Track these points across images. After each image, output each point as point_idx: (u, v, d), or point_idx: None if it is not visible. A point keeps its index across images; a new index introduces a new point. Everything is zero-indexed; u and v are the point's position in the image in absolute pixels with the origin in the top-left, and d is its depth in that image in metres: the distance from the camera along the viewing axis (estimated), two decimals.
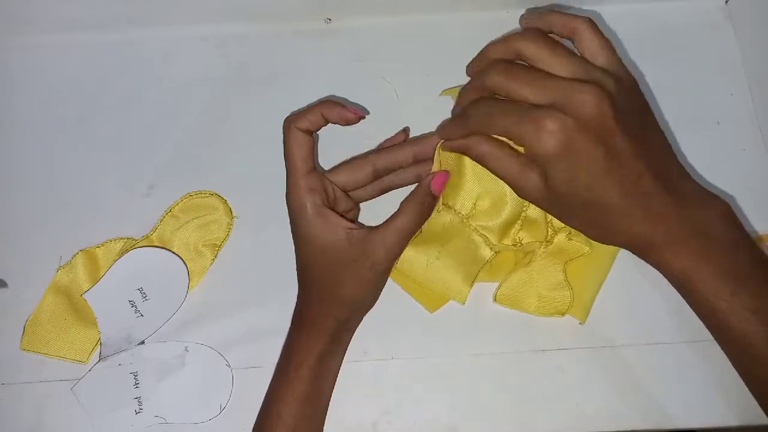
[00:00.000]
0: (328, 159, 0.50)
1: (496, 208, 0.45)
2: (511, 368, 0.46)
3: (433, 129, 0.49)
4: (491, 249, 0.45)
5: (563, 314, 0.46)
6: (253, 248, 0.49)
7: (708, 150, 0.51)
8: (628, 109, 0.37)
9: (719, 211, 0.39)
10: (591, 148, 0.36)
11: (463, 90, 0.42)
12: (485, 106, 0.39)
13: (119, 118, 0.54)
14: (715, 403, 0.45)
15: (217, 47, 0.56)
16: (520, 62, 0.39)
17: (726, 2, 0.55)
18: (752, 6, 0.53)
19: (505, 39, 0.39)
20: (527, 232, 0.46)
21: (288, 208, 0.43)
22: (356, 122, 0.43)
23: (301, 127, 0.42)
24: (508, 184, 0.40)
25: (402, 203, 0.43)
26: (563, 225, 0.45)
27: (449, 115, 0.51)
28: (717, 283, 0.37)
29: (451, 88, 0.49)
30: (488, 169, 0.40)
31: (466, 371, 0.46)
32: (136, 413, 0.46)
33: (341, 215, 0.43)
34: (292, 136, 0.43)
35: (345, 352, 0.45)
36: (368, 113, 0.52)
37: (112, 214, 0.51)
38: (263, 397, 0.44)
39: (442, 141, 0.43)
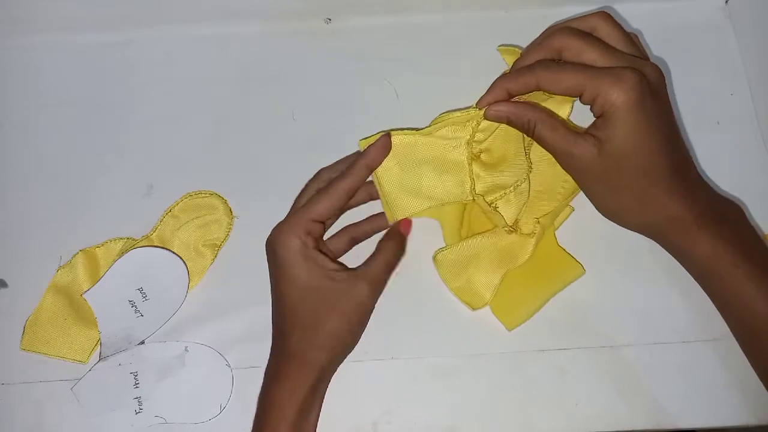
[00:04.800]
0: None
1: (498, 167, 0.45)
2: (511, 368, 0.46)
3: None
4: (471, 194, 0.45)
5: (473, 309, 0.47)
6: (253, 248, 0.49)
7: (708, 150, 0.51)
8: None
9: (738, 208, 0.42)
10: (660, 112, 0.38)
11: (526, 51, 0.42)
12: (554, 64, 0.40)
13: (119, 118, 0.54)
14: (716, 403, 0.45)
15: (217, 47, 0.56)
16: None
17: (726, 2, 0.55)
18: (752, 6, 0.53)
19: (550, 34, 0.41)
20: (503, 205, 0.46)
21: (273, 248, 0.43)
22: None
23: (351, 189, 0.43)
24: (555, 154, 0.40)
25: (379, 243, 0.45)
26: (531, 227, 0.46)
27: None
28: (748, 265, 0.39)
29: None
30: (537, 137, 0.40)
31: (466, 371, 0.46)
32: (136, 413, 0.46)
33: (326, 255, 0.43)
34: (330, 190, 0.43)
35: (321, 405, 0.44)
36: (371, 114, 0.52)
37: (112, 214, 0.51)
38: None
39: (486, 108, 0.41)
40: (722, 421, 0.45)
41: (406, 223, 0.46)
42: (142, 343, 0.47)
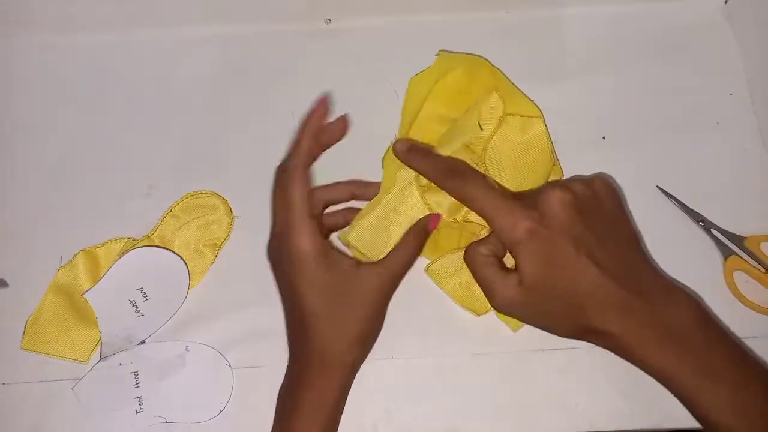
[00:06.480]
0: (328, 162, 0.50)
1: None
2: (511, 368, 0.46)
3: None
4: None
5: (478, 315, 0.47)
6: (253, 248, 0.49)
7: (708, 150, 0.51)
8: (592, 206, 0.40)
9: (690, 311, 0.39)
10: (560, 239, 0.38)
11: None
12: (478, 179, 0.42)
13: (119, 118, 0.54)
14: None
15: (217, 47, 0.56)
16: None
17: (726, 2, 0.55)
18: (752, 6, 0.53)
19: None
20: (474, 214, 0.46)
21: (285, 250, 0.41)
22: (345, 129, 0.45)
23: (304, 164, 0.43)
24: (486, 291, 0.41)
25: (404, 236, 0.44)
26: None
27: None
28: (695, 380, 0.38)
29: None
30: (473, 270, 0.42)
31: (466, 371, 0.46)
32: (137, 413, 0.46)
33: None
34: (297, 177, 0.42)
35: (346, 401, 0.44)
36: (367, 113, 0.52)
37: (112, 214, 0.51)
38: None
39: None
40: None
41: (435, 218, 0.45)
42: (143, 342, 0.47)
